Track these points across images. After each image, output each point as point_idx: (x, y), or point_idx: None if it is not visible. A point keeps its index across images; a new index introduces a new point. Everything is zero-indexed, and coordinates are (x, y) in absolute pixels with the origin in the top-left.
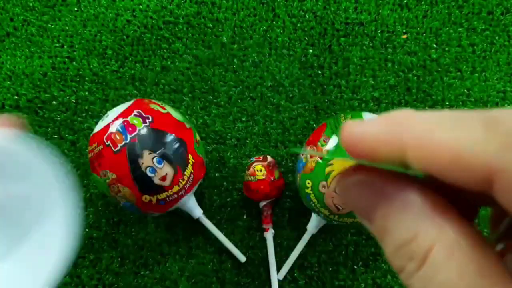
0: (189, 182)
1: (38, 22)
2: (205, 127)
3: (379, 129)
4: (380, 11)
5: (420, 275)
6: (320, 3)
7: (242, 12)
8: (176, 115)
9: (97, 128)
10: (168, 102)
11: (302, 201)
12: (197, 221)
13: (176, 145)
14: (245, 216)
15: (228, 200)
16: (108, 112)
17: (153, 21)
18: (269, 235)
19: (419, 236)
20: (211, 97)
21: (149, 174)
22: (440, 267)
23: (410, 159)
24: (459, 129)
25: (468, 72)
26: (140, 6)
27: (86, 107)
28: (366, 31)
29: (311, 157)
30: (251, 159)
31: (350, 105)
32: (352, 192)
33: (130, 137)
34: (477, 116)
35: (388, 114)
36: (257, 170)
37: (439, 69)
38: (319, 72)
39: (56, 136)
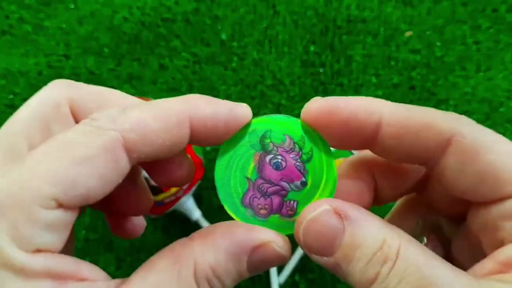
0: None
1: (33, 20)
2: None
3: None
4: (382, 8)
5: (394, 272)
6: (321, 0)
7: (241, 9)
8: None
9: None
10: None
11: None
12: (195, 223)
13: None
14: None
15: None
16: None
17: (151, 19)
18: None
19: (387, 240)
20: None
21: (146, 175)
22: (411, 257)
23: (384, 126)
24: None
25: (472, 71)
26: (138, 3)
27: None
28: (368, 29)
29: None
30: None
31: None
32: (316, 227)
33: None
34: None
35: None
36: None
37: (443, 67)
38: (321, 70)
39: None
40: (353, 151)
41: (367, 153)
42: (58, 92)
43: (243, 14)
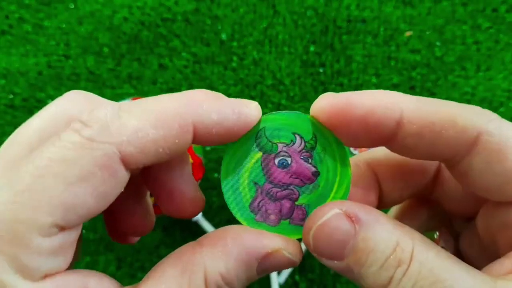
0: None
1: (33, 20)
2: None
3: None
4: (382, 8)
5: (408, 276)
6: (321, 0)
7: (241, 9)
8: None
9: None
10: None
11: None
12: (195, 223)
13: None
14: None
15: None
16: None
17: (151, 19)
18: None
19: (400, 243)
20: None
21: None
22: (425, 260)
23: (405, 123)
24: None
25: (472, 71)
26: (138, 3)
27: None
28: (368, 29)
29: None
30: None
31: None
32: (326, 232)
33: None
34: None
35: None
36: None
37: (443, 67)
38: (321, 70)
39: None
40: (354, 151)
41: (370, 153)
42: (73, 106)
43: (243, 14)
